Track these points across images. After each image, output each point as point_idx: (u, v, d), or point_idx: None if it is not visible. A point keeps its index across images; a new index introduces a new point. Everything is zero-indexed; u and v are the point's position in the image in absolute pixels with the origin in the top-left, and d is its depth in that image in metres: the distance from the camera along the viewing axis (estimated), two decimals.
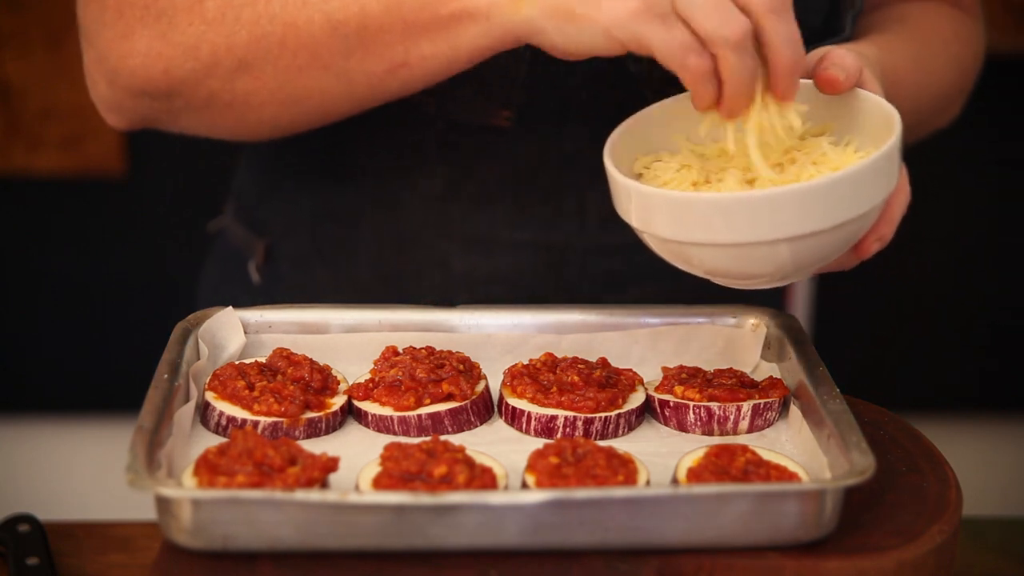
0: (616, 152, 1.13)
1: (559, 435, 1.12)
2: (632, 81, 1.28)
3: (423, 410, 1.13)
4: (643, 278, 1.36)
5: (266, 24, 1.15)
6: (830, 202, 1.05)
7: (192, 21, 1.16)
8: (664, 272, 1.35)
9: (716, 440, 1.13)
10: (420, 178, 1.33)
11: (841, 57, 1.13)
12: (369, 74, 1.16)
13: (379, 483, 1.02)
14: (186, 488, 1.01)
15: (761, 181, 1.10)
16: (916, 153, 1.29)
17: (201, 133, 1.25)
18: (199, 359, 1.17)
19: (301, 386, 1.14)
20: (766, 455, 1.07)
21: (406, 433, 1.13)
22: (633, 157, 1.16)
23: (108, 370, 2.74)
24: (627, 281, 1.36)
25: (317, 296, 1.38)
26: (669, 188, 1.12)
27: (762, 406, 1.15)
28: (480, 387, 1.16)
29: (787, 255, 1.07)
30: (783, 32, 1.05)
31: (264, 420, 1.11)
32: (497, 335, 1.23)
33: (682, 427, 1.15)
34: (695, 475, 1.04)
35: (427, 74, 1.15)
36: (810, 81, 1.14)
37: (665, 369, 1.19)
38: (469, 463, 1.03)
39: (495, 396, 1.18)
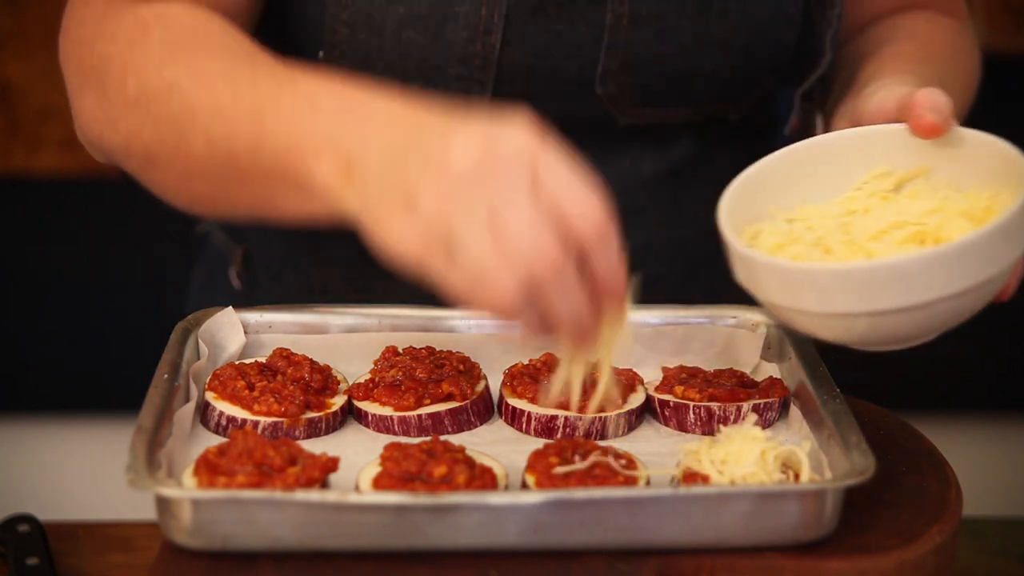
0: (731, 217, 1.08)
1: (559, 435, 1.12)
2: (600, 102, 1.28)
3: (423, 410, 1.13)
4: (649, 290, 1.35)
5: (165, 125, 1.10)
6: (994, 251, 1.01)
7: (117, 96, 1.13)
8: (671, 284, 1.35)
9: None
10: None
11: (931, 99, 1.09)
12: (248, 203, 1.10)
13: (379, 483, 1.02)
14: (186, 488, 1.01)
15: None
16: None
17: None
18: (199, 359, 1.17)
19: (301, 386, 1.14)
20: None
21: (406, 433, 1.13)
22: (742, 222, 1.11)
23: (108, 370, 2.73)
24: None
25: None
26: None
27: (762, 406, 1.14)
28: (480, 387, 1.16)
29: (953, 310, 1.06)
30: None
31: (264, 420, 1.11)
32: (497, 335, 1.23)
33: (682, 427, 1.15)
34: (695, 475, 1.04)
35: (295, 221, 1.08)
36: (899, 125, 1.11)
37: (665, 369, 1.19)
38: (469, 463, 1.03)
39: (495, 396, 1.18)
